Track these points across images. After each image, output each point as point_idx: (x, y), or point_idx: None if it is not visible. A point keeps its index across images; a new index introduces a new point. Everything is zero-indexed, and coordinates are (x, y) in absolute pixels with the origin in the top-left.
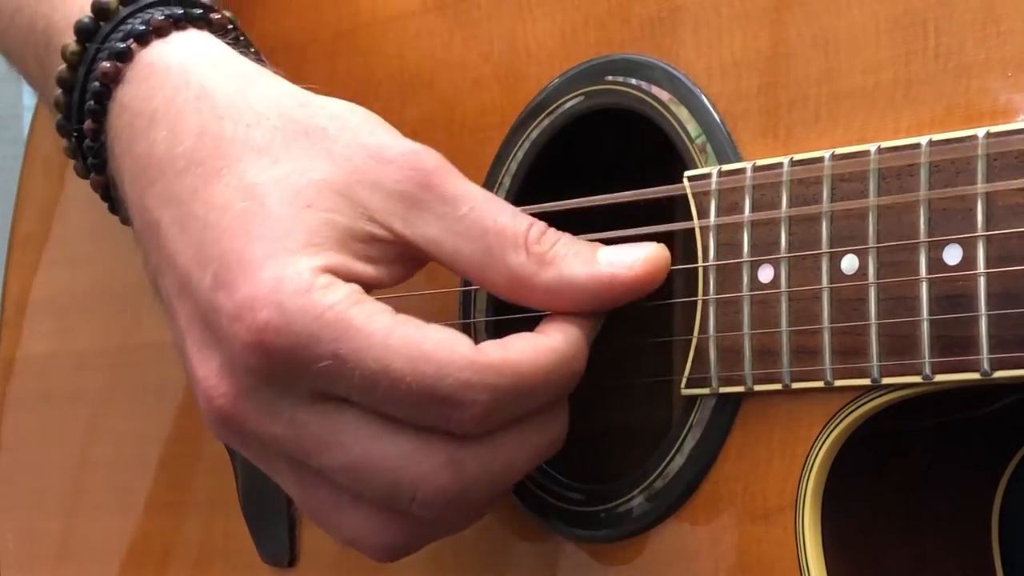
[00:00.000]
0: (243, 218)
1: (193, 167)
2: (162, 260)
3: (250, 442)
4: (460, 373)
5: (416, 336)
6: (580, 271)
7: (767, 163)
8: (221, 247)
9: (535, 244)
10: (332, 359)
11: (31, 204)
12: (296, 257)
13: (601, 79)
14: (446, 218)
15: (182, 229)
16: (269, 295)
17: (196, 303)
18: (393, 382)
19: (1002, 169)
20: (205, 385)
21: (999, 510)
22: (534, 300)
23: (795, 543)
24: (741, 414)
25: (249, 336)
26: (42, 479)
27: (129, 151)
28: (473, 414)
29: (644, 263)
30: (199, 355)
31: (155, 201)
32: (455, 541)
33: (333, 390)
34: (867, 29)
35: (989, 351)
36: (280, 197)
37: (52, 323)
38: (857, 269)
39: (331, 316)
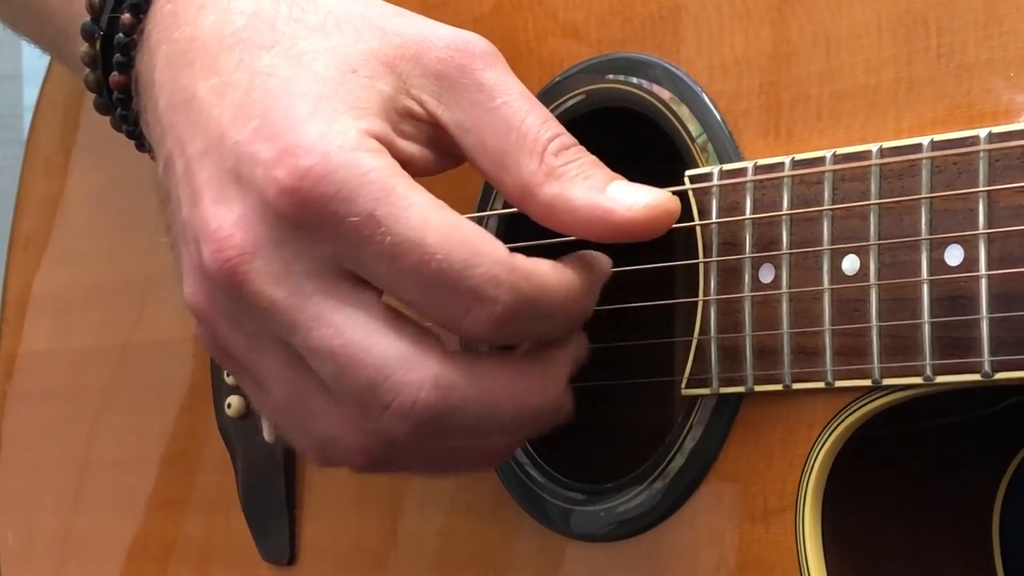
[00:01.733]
0: (289, 80)
1: (241, 44)
2: (188, 130)
3: (243, 313)
4: (492, 266)
5: (455, 221)
6: (580, 195)
7: (768, 162)
8: (264, 105)
9: (551, 155)
10: (367, 217)
11: (31, 203)
12: (343, 116)
13: (602, 78)
14: (477, 106)
15: (221, 96)
16: (315, 144)
17: (227, 157)
18: (423, 256)
19: (1004, 169)
20: (217, 236)
21: (1000, 511)
22: (533, 211)
23: (795, 544)
24: (741, 414)
25: (289, 180)
26: (43, 477)
27: (169, 37)
28: (492, 312)
29: (645, 208)
30: (216, 208)
31: (193, 76)
32: (455, 540)
33: (355, 257)
34: (869, 28)
35: (990, 353)
36: (327, 62)
37: (53, 321)
38: (858, 270)
39: (375, 176)
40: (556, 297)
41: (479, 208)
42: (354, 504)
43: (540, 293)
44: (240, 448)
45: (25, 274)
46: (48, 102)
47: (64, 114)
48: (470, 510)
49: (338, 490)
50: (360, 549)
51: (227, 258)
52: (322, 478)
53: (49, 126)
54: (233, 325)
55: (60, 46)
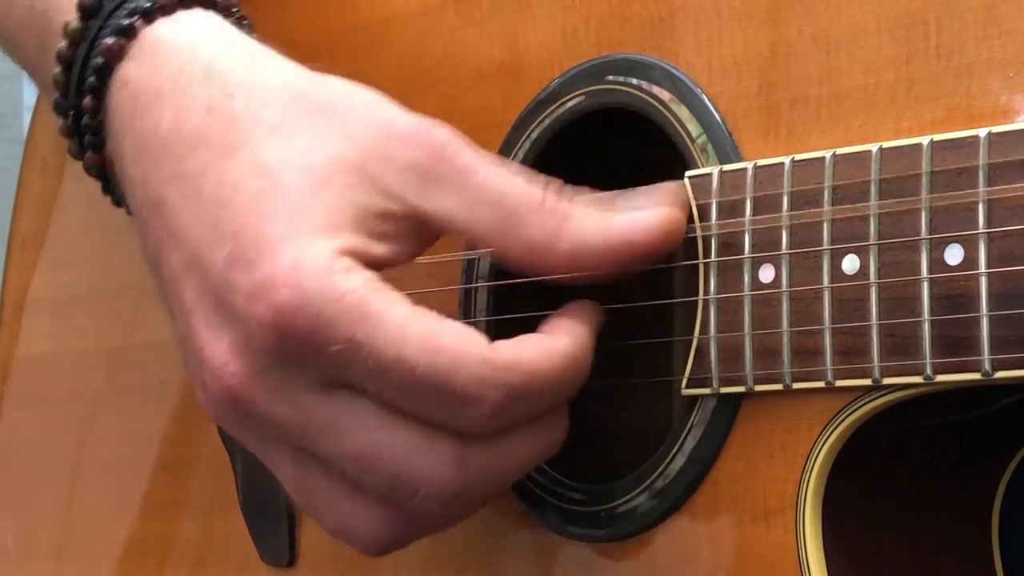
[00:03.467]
0: (259, 196)
1: (203, 144)
2: (167, 238)
3: (253, 426)
4: (475, 368)
5: (434, 328)
6: (595, 237)
7: (768, 163)
8: (236, 224)
9: (550, 211)
10: (348, 343)
11: (29, 203)
12: (315, 238)
13: (602, 78)
14: (460, 188)
15: (193, 207)
16: (288, 275)
17: (208, 280)
18: (407, 372)
19: (1004, 169)
20: (215, 363)
21: (999, 510)
22: (554, 269)
23: (796, 543)
24: (742, 414)
25: (267, 315)
26: (41, 480)
27: (131, 128)
28: (483, 412)
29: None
30: (208, 333)
31: (161, 178)
32: (454, 541)
33: (345, 376)
34: (868, 28)
35: (990, 352)
36: (296, 174)
37: (50, 323)
38: (858, 269)
39: (350, 300)
40: (547, 379)
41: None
42: None
43: (528, 381)
44: (240, 451)
45: (23, 275)
46: (44, 105)
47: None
48: None
49: None
50: None
51: (228, 386)
52: None
53: (48, 127)
54: (243, 432)
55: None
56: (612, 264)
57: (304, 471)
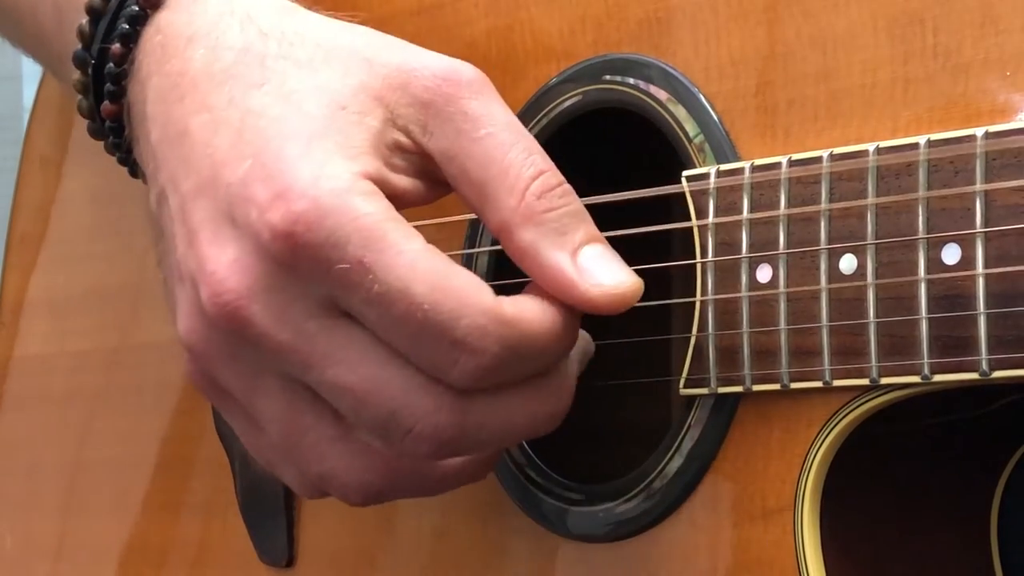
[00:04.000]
0: (281, 119)
1: (231, 80)
2: (180, 168)
3: (244, 354)
4: (478, 317)
5: (444, 269)
6: (550, 255)
7: (765, 162)
8: (256, 145)
9: (532, 196)
10: (356, 264)
11: (28, 204)
12: (335, 157)
13: (599, 78)
14: (462, 135)
15: (213, 133)
16: (308, 188)
17: (221, 198)
18: (410, 307)
19: (1001, 168)
20: (213, 279)
21: (998, 509)
22: (508, 250)
23: (794, 543)
24: (739, 414)
25: (282, 224)
26: (40, 480)
27: (159, 70)
28: (478, 364)
29: (605, 293)
30: (211, 249)
31: (186, 111)
32: (453, 542)
33: (348, 301)
34: (865, 28)
35: (988, 351)
36: (317, 100)
37: (48, 324)
38: (855, 269)
39: (366, 222)
40: (544, 339)
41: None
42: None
43: (527, 339)
44: (238, 450)
45: (21, 276)
46: (44, 104)
47: (60, 116)
48: (468, 511)
49: None
50: (358, 551)
51: (226, 302)
52: None
53: (45, 128)
54: (229, 364)
55: (55, 69)
56: (548, 286)
57: (294, 407)
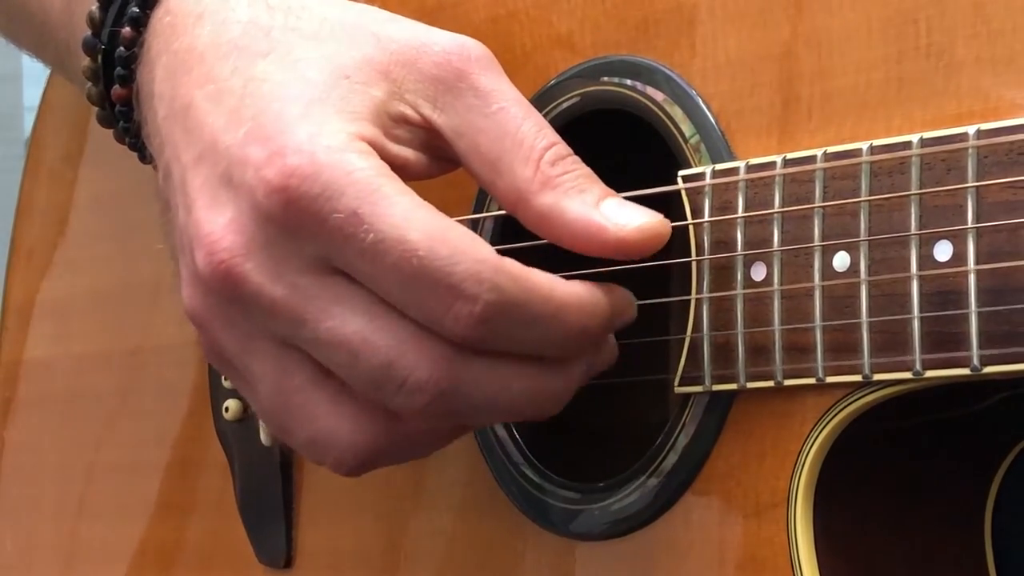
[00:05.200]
0: (281, 85)
1: (237, 51)
2: (183, 140)
3: (238, 313)
4: (473, 264)
5: (440, 220)
6: (574, 209)
7: (760, 162)
8: (256, 108)
9: (547, 164)
10: (350, 215)
11: (33, 209)
12: (333, 119)
13: (597, 80)
14: (473, 110)
15: (215, 102)
16: (302, 145)
17: (220, 161)
18: (404, 253)
19: (992, 166)
20: (208, 240)
21: (992, 507)
22: (527, 220)
23: (787, 540)
24: (734, 411)
25: (277, 179)
26: (42, 483)
27: (168, 48)
28: (472, 311)
29: (637, 230)
30: (208, 212)
31: (190, 85)
32: (451, 542)
33: (340, 254)
34: (859, 28)
35: (979, 347)
36: (320, 68)
37: (53, 327)
38: (849, 266)
39: (361, 176)
40: (547, 304)
41: (475, 211)
42: (351, 507)
43: (527, 296)
44: (238, 452)
45: (26, 280)
46: (51, 107)
47: (68, 120)
48: (466, 511)
49: (335, 494)
50: (356, 552)
51: (220, 260)
52: (319, 482)
53: (52, 132)
54: (227, 327)
55: (63, 60)
56: (577, 242)
57: (286, 367)
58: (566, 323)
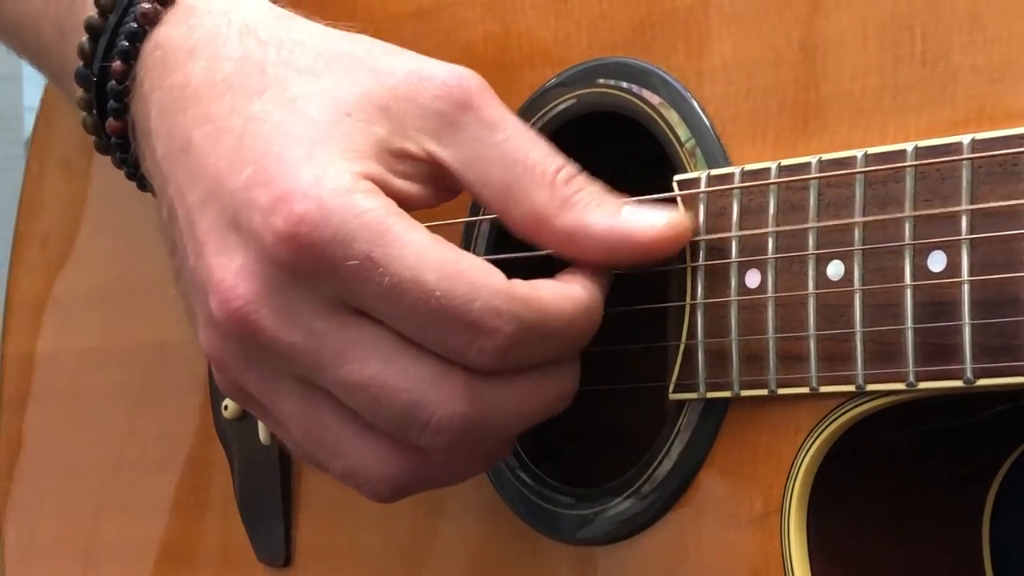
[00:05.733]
0: (282, 125)
1: (232, 90)
2: (185, 181)
3: (258, 357)
4: (491, 298)
5: (452, 256)
6: (598, 221)
7: (755, 168)
8: (258, 151)
9: (562, 185)
10: (365, 259)
11: (36, 205)
12: (337, 159)
13: (593, 82)
14: (480, 142)
15: (216, 143)
16: (309, 189)
17: (226, 206)
18: (421, 295)
19: (987, 175)
20: (222, 287)
21: (990, 517)
22: (551, 242)
23: (781, 549)
24: (728, 419)
25: (285, 227)
26: (44, 479)
27: (161, 84)
28: (496, 343)
29: (665, 228)
30: (219, 259)
31: (188, 124)
32: (447, 543)
33: (358, 298)
34: (855, 34)
35: (972, 360)
36: (320, 105)
37: (55, 323)
38: (843, 275)
39: (370, 218)
40: (561, 319)
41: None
42: (349, 507)
43: (542, 317)
44: (237, 450)
45: (29, 276)
46: (51, 106)
47: (68, 118)
48: (463, 513)
49: (334, 493)
50: (355, 551)
51: (235, 308)
52: (318, 481)
53: (55, 129)
54: (247, 369)
55: (59, 82)
56: (607, 253)
57: (313, 406)
58: (577, 331)
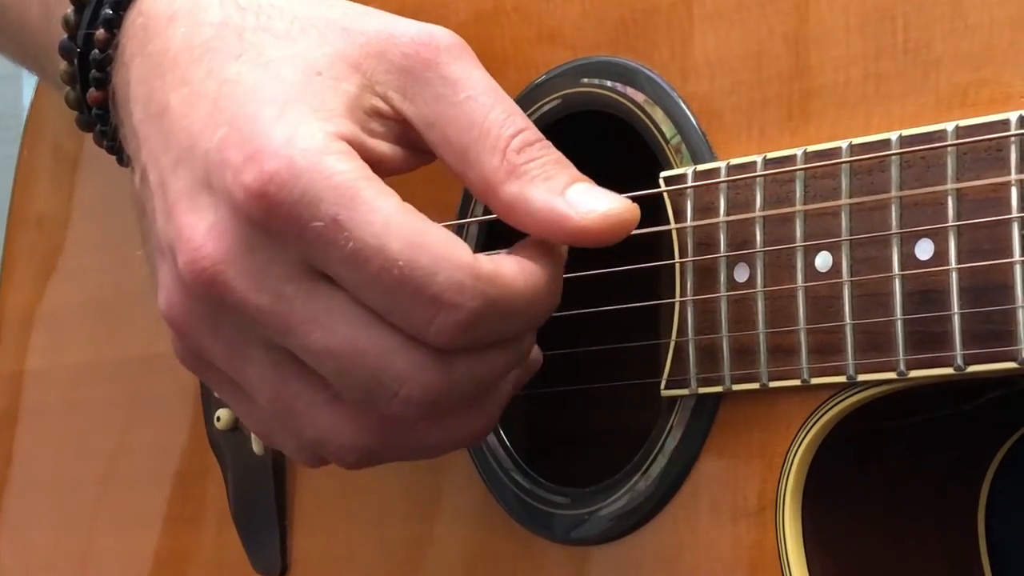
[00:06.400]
0: (256, 86)
1: (210, 54)
2: (160, 144)
3: (225, 321)
4: (454, 272)
5: (419, 226)
6: (538, 198)
7: (741, 162)
8: (232, 112)
9: (513, 152)
10: (330, 222)
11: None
12: (309, 119)
13: (577, 82)
14: (441, 100)
15: (191, 105)
16: (280, 148)
17: (198, 166)
18: (385, 263)
19: (972, 162)
20: (191, 246)
21: (985, 505)
22: (496, 209)
23: (776, 543)
24: (720, 414)
25: (255, 184)
26: (37, 494)
27: (142, 51)
28: (456, 319)
29: (601, 216)
30: (188, 217)
31: (165, 88)
32: (443, 548)
33: (323, 261)
34: (837, 26)
35: (962, 346)
36: (293, 67)
37: (46, 338)
38: (831, 266)
39: (340, 180)
40: (523, 296)
41: (459, 214)
42: (344, 514)
43: (505, 295)
44: (230, 460)
45: (20, 290)
46: (41, 114)
47: (58, 128)
48: (457, 517)
49: (328, 500)
50: (351, 559)
51: (203, 268)
52: (312, 489)
53: (41, 140)
54: (212, 334)
55: (43, 65)
56: (543, 231)
57: (280, 373)
58: (538, 309)
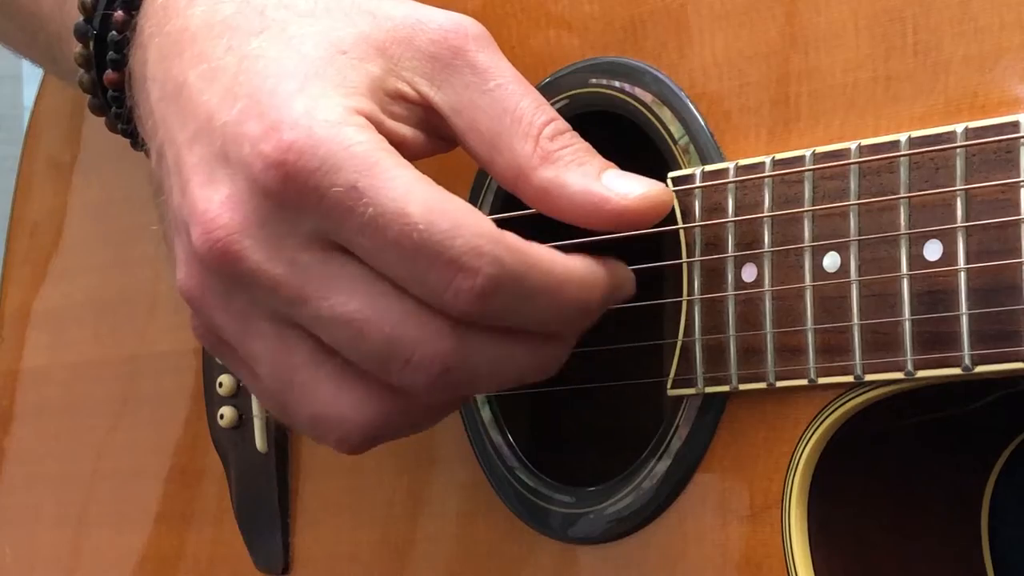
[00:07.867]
0: (277, 61)
1: (230, 31)
2: (177, 121)
3: (237, 291)
4: (473, 237)
5: (439, 195)
6: (575, 181)
7: (749, 163)
8: (252, 85)
9: (546, 139)
10: (349, 189)
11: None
12: (330, 93)
13: (585, 82)
14: (471, 87)
15: (210, 81)
16: (299, 119)
17: (215, 140)
18: (404, 227)
19: (981, 163)
20: (205, 218)
21: (988, 506)
22: (528, 196)
23: (782, 542)
24: (726, 414)
25: (274, 154)
26: (40, 492)
27: (160, 31)
28: (474, 284)
29: (640, 198)
30: (204, 191)
31: (183, 66)
32: (447, 546)
33: (340, 229)
34: (846, 27)
35: (970, 347)
36: (316, 43)
37: (49, 336)
38: (839, 267)
39: (358, 150)
40: (547, 279)
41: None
42: (347, 512)
43: (527, 269)
44: (233, 459)
45: (21, 289)
46: (44, 114)
47: (60, 128)
48: (462, 516)
49: (331, 498)
50: (353, 557)
51: (217, 238)
52: (315, 487)
53: (44, 140)
54: (224, 308)
55: (54, 52)
56: (580, 214)
57: (284, 347)
58: (566, 297)
